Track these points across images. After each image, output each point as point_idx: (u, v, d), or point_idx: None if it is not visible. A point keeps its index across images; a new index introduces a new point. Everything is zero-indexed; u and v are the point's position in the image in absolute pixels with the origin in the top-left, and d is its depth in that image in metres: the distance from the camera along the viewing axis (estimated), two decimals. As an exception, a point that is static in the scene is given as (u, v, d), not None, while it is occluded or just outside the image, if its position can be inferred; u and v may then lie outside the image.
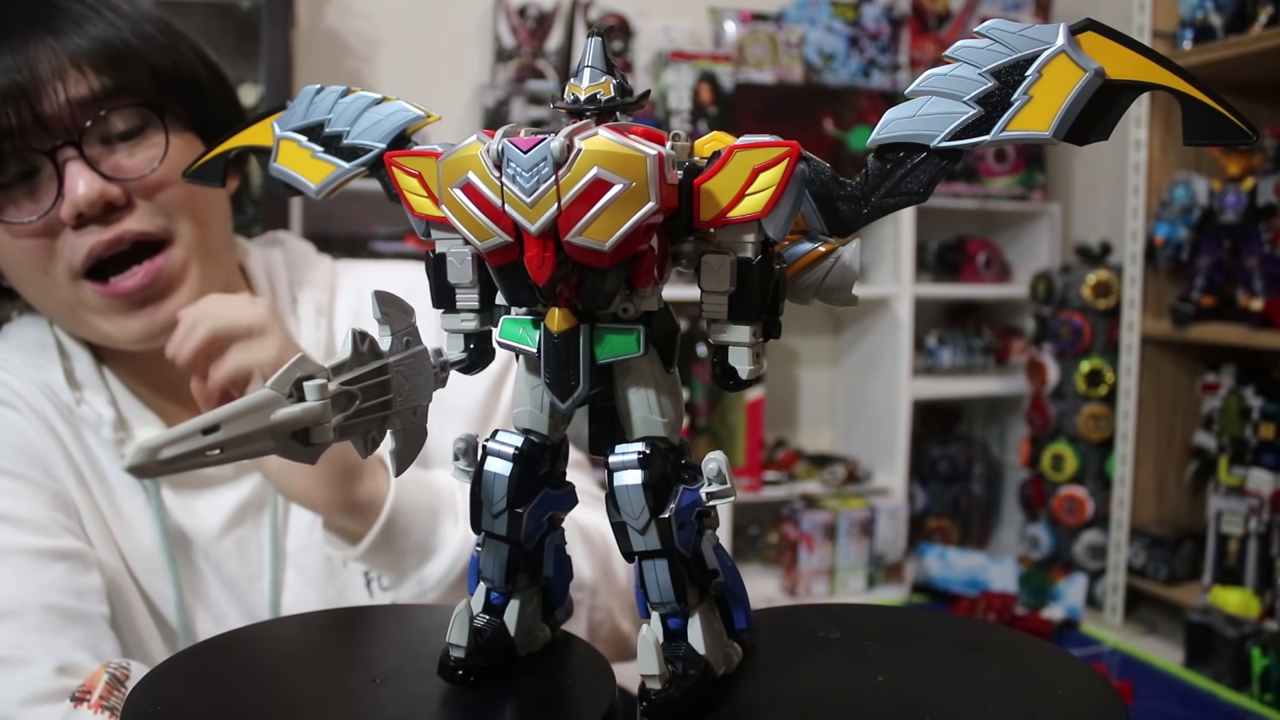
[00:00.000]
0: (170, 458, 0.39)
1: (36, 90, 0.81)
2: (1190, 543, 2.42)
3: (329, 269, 1.07)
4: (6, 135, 0.81)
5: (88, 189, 0.82)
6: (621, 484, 0.48)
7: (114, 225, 0.85)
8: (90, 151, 0.84)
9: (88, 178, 0.83)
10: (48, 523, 0.83)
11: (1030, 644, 0.59)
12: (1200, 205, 2.33)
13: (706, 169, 0.47)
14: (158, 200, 0.87)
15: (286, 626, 0.68)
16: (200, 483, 0.94)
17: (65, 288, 0.86)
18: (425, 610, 0.66)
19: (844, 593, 2.69)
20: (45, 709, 0.72)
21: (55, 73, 0.82)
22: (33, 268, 0.87)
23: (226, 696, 0.54)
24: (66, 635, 0.77)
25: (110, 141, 0.86)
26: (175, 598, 0.92)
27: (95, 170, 0.84)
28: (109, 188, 0.84)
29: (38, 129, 0.82)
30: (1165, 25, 2.34)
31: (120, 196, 0.85)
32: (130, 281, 0.86)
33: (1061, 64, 0.44)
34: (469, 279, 0.52)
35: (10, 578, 0.78)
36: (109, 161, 0.85)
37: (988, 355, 2.99)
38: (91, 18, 0.85)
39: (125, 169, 0.86)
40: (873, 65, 2.79)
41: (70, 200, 0.83)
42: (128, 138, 0.86)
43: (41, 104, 0.82)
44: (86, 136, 0.84)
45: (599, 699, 0.52)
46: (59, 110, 0.82)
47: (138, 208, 0.86)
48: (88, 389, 0.92)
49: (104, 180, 0.84)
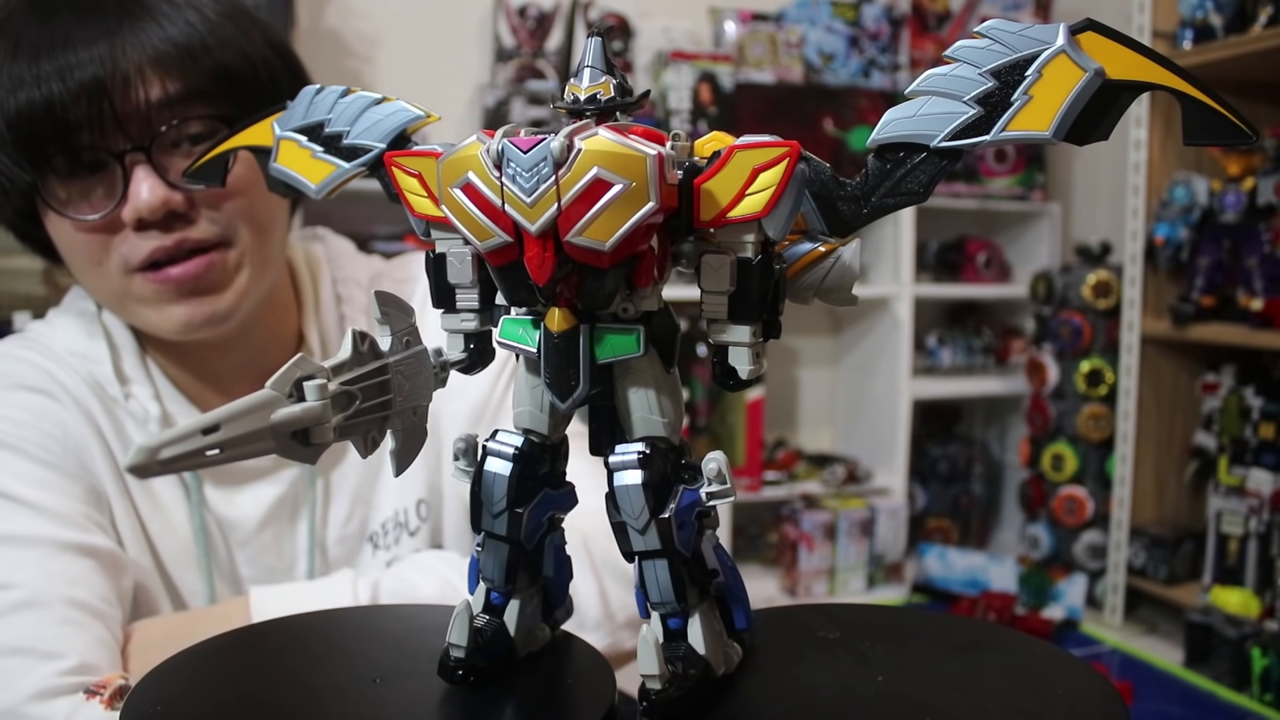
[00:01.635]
0: (170, 457, 0.39)
1: (118, 86, 0.81)
2: (1190, 543, 2.42)
3: (369, 267, 1.08)
4: (84, 129, 0.81)
5: (151, 195, 0.83)
6: (621, 484, 0.48)
7: (175, 232, 0.85)
8: (159, 157, 0.84)
9: (153, 184, 0.83)
10: (78, 517, 0.84)
11: (1030, 644, 0.59)
12: (1200, 205, 2.34)
13: (706, 169, 0.47)
14: (221, 209, 0.87)
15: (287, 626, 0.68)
16: (242, 476, 0.95)
17: (117, 279, 0.87)
18: (425, 610, 0.66)
19: (844, 593, 2.69)
20: (58, 703, 0.72)
21: (136, 70, 0.82)
22: (87, 259, 0.87)
23: (226, 696, 0.54)
24: (88, 633, 0.77)
25: (180, 144, 0.86)
26: (206, 591, 0.93)
27: (162, 177, 0.84)
28: (172, 196, 0.84)
29: (114, 128, 0.82)
30: (1165, 25, 2.34)
31: (183, 204, 0.85)
32: (183, 268, 0.86)
33: (1061, 64, 0.44)
34: (469, 279, 0.52)
35: (36, 567, 0.79)
36: (175, 168, 0.85)
37: (988, 355, 2.99)
38: (174, 15, 0.85)
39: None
40: (873, 65, 2.79)
41: (133, 205, 0.83)
42: (198, 141, 0.86)
43: (121, 101, 0.81)
44: (157, 142, 0.84)
45: (599, 699, 0.52)
46: (135, 110, 0.82)
47: (200, 216, 0.86)
48: (134, 384, 0.92)
49: (168, 188, 0.84)
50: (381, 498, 1.00)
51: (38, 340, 0.94)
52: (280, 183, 0.59)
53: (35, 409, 0.88)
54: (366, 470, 0.99)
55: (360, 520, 1.00)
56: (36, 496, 0.82)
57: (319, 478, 0.97)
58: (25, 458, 0.84)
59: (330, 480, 0.98)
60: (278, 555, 0.97)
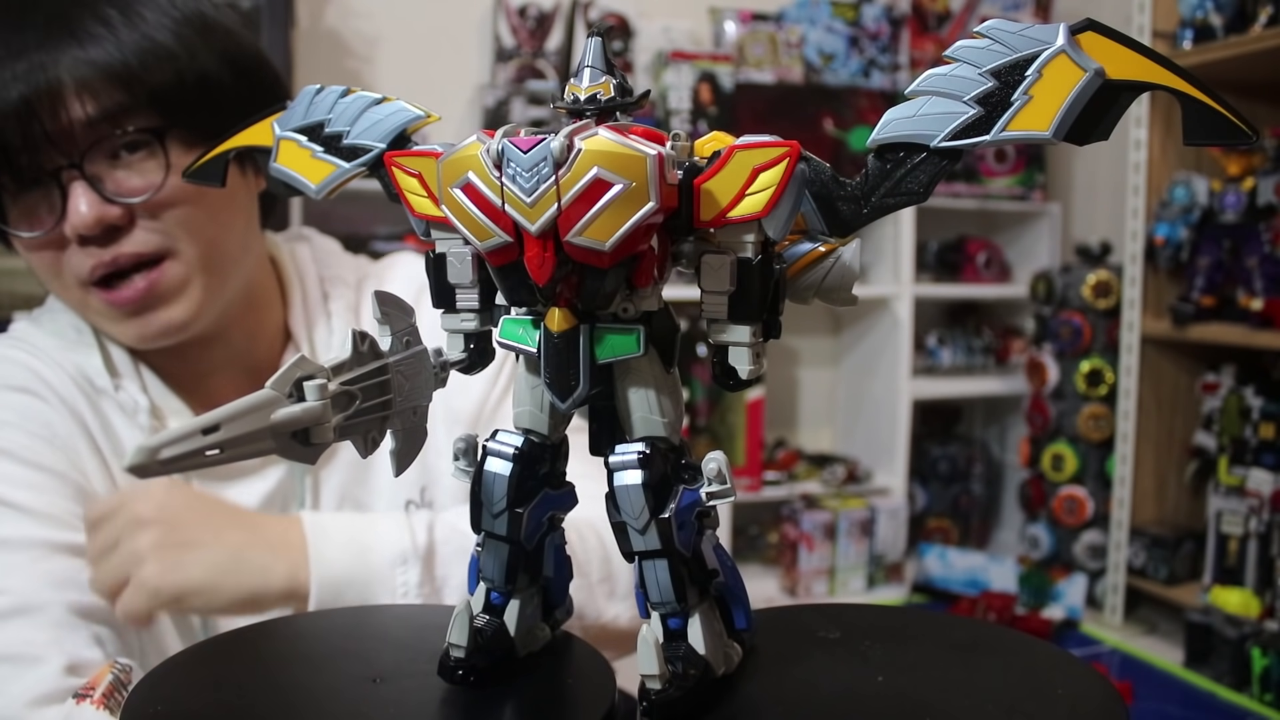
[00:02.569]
0: (170, 458, 0.39)
1: (47, 105, 0.81)
2: (1190, 543, 2.42)
3: (356, 265, 1.08)
4: (20, 151, 0.81)
5: (88, 211, 0.83)
6: (621, 484, 0.48)
7: (113, 246, 0.85)
8: (93, 170, 0.84)
9: (89, 199, 0.83)
10: (67, 516, 0.84)
11: (1030, 644, 0.59)
12: (1200, 205, 2.34)
13: (706, 169, 0.47)
14: (159, 219, 0.87)
15: (287, 626, 0.68)
16: (228, 474, 0.95)
17: (75, 292, 0.88)
18: (425, 610, 0.66)
19: (844, 593, 2.69)
20: (49, 711, 0.72)
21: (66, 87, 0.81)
22: (46, 273, 0.89)
23: (227, 696, 0.54)
24: (80, 632, 0.77)
25: (116, 153, 0.85)
26: None
27: (97, 191, 0.84)
28: (108, 211, 0.84)
29: (47, 145, 0.82)
30: (1165, 25, 2.34)
31: (121, 217, 0.85)
32: (126, 293, 0.86)
33: (1061, 64, 0.44)
34: (469, 279, 0.52)
35: (26, 570, 0.79)
36: (112, 180, 0.85)
37: (988, 355, 2.99)
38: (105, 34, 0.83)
39: (127, 190, 0.85)
40: (873, 65, 2.79)
41: (70, 222, 0.83)
42: (135, 150, 0.86)
43: (51, 120, 0.81)
44: (90, 156, 0.83)
45: (599, 699, 0.52)
46: (66, 127, 0.82)
47: (138, 228, 0.86)
48: (124, 376, 0.93)
49: (104, 203, 0.84)
50: (369, 498, 1.00)
51: (22, 338, 0.94)
52: (280, 183, 0.59)
53: (21, 409, 0.88)
54: (353, 469, 0.99)
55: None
56: (25, 498, 0.82)
57: (306, 476, 0.97)
58: (11, 460, 0.84)
59: (318, 479, 0.98)
60: None
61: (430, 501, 1.02)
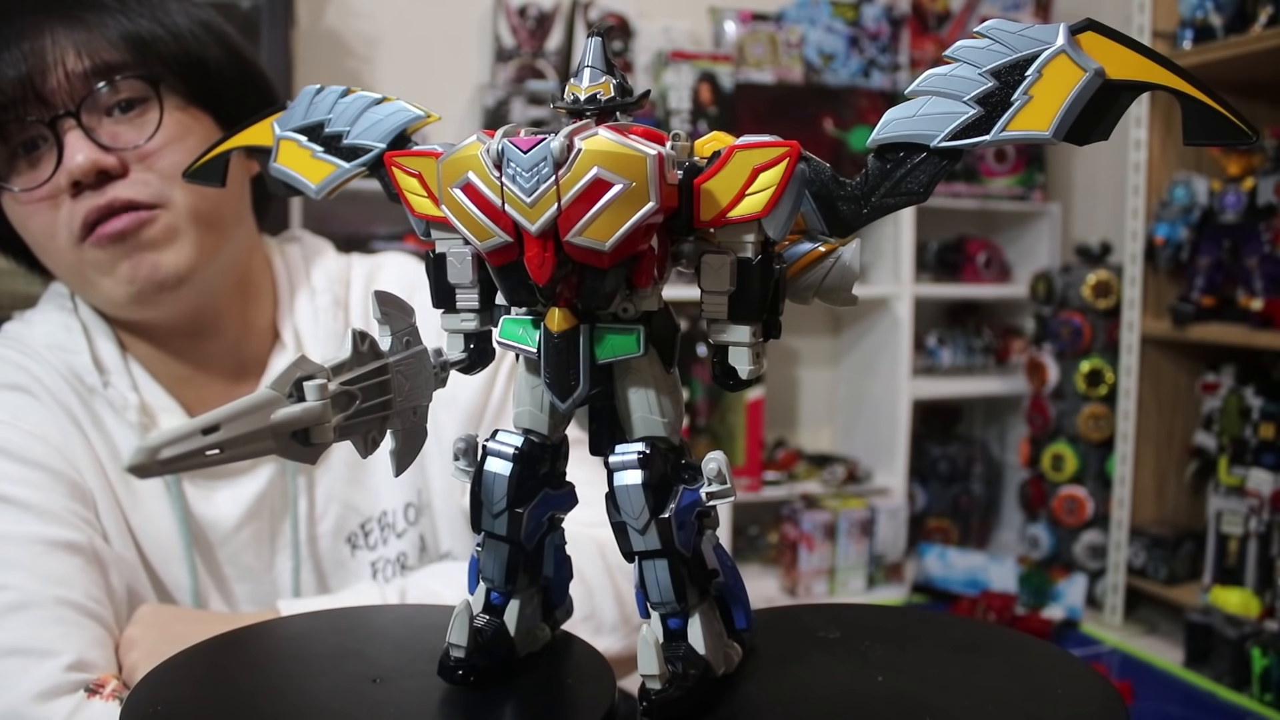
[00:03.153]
0: (170, 457, 0.39)
1: (41, 72, 0.84)
2: (1190, 543, 2.41)
3: (343, 262, 1.09)
4: (8, 108, 0.84)
5: (84, 158, 0.85)
6: (621, 484, 0.49)
7: (107, 190, 0.87)
8: (88, 120, 0.86)
9: (85, 147, 0.85)
10: (65, 514, 0.84)
11: (1030, 644, 0.59)
12: (1200, 205, 2.33)
13: (706, 169, 0.47)
14: (153, 169, 0.88)
15: (287, 626, 0.68)
16: (219, 474, 0.95)
17: (70, 252, 0.89)
18: (425, 610, 0.66)
19: (844, 593, 2.69)
20: (59, 703, 0.72)
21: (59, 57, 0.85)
22: (42, 234, 0.90)
23: (227, 696, 0.54)
24: (84, 631, 0.78)
25: (110, 112, 0.88)
26: (191, 585, 0.93)
27: (92, 139, 0.86)
28: (104, 157, 0.86)
29: (38, 103, 0.84)
30: (1165, 25, 2.34)
31: (116, 165, 0.87)
32: (114, 224, 0.87)
33: (1061, 64, 0.44)
34: (469, 279, 0.52)
35: (27, 567, 0.79)
36: (107, 130, 0.87)
37: (988, 355, 2.99)
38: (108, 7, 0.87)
39: (122, 139, 0.88)
40: (873, 65, 2.79)
41: (66, 168, 0.85)
42: (128, 109, 0.88)
43: (43, 82, 0.84)
44: (85, 106, 0.86)
45: (599, 699, 0.52)
46: (60, 83, 0.85)
47: (132, 176, 0.88)
48: (112, 374, 0.93)
49: (100, 150, 0.86)
50: (362, 499, 1.00)
51: (14, 337, 0.94)
52: (280, 183, 0.59)
53: (16, 407, 0.88)
54: (346, 471, 0.99)
55: (337, 520, 1.00)
56: (22, 494, 0.83)
57: (298, 477, 0.97)
58: (9, 457, 0.85)
59: (310, 480, 0.98)
60: (256, 555, 0.96)
61: (426, 504, 1.02)
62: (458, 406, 1.00)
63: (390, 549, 1.00)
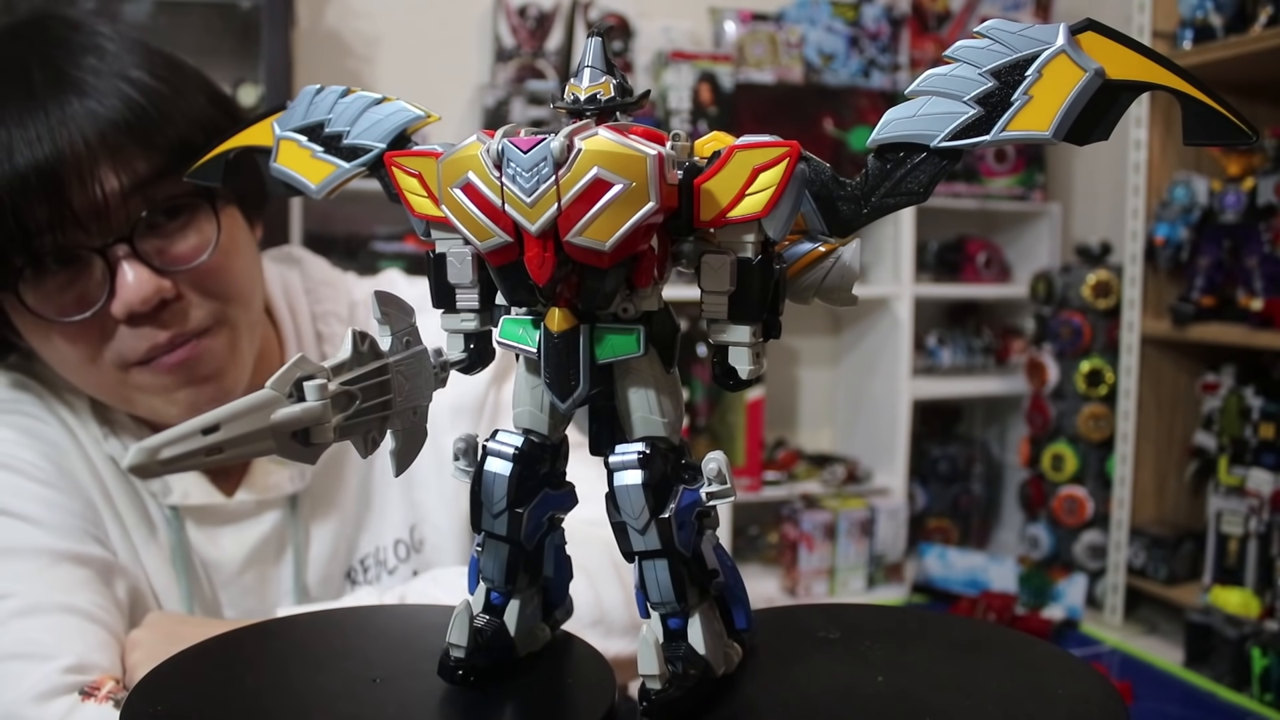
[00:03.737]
0: (170, 457, 0.39)
1: (71, 179, 0.76)
2: (1190, 543, 2.41)
3: (347, 292, 1.05)
4: (44, 232, 0.76)
5: (142, 288, 0.79)
6: (621, 484, 0.48)
7: (170, 323, 0.82)
8: (142, 246, 0.80)
9: (142, 275, 0.79)
10: (73, 530, 0.84)
11: (1030, 644, 0.59)
12: (1200, 205, 2.33)
13: (706, 169, 0.47)
14: (207, 288, 0.84)
15: (287, 626, 0.68)
16: (224, 518, 0.95)
17: (112, 374, 0.84)
18: (425, 610, 0.66)
19: (844, 593, 2.69)
20: (55, 703, 0.72)
21: (86, 157, 0.76)
22: (79, 360, 0.84)
23: (227, 696, 0.54)
24: (86, 635, 0.78)
25: (156, 226, 0.82)
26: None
27: (148, 264, 0.80)
28: (163, 284, 0.80)
29: (72, 223, 0.77)
30: (1165, 25, 2.34)
31: (172, 290, 0.82)
32: (178, 355, 0.83)
33: (1061, 64, 0.44)
34: (469, 279, 0.52)
35: (34, 577, 0.79)
36: (154, 246, 0.81)
37: (988, 355, 2.99)
38: (105, 87, 0.78)
39: (176, 258, 0.82)
40: (873, 65, 2.79)
41: (123, 299, 0.79)
42: (173, 214, 0.82)
43: (78, 196, 0.76)
44: (138, 229, 0.79)
45: (599, 699, 0.52)
46: (99, 201, 0.77)
47: (187, 299, 0.83)
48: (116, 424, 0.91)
49: (158, 276, 0.80)
50: (361, 536, 1.00)
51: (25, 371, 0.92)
52: (280, 183, 0.59)
53: (25, 430, 0.88)
54: (349, 508, 0.99)
55: (343, 558, 0.99)
56: (33, 511, 0.83)
57: (300, 524, 0.96)
58: (19, 475, 0.85)
59: (313, 520, 0.97)
60: (259, 599, 0.96)
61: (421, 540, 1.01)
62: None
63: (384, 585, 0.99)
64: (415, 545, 1.01)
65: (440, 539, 1.01)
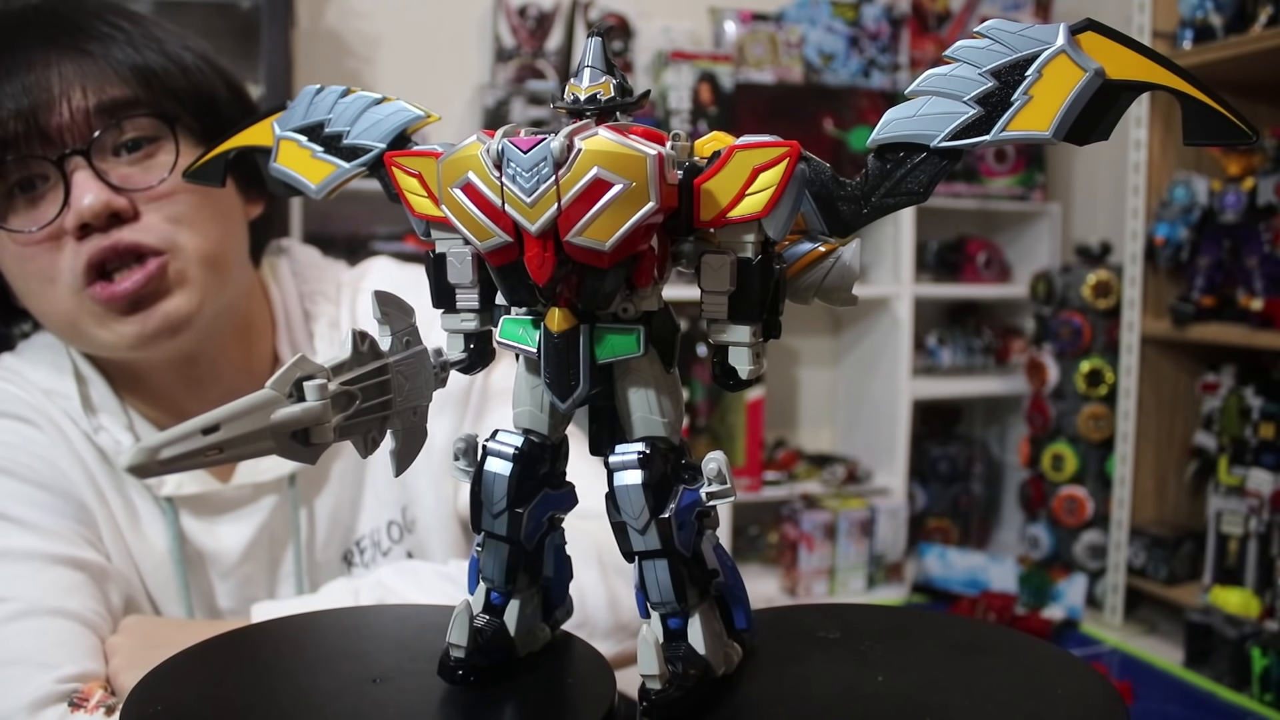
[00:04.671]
0: (170, 457, 0.39)
1: (46, 107, 0.81)
2: (1190, 543, 2.41)
3: (334, 275, 1.06)
4: (10, 144, 0.81)
5: (94, 199, 0.81)
6: (621, 484, 0.48)
7: (113, 232, 0.83)
8: (98, 162, 0.83)
9: (95, 188, 0.82)
10: (68, 533, 0.84)
11: (1030, 644, 0.59)
12: (1200, 205, 2.33)
13: (706, 169, 0.47)
14: (163, 212, 0.85)
15: (286, 626, 0.68)
16: (222, 507, 0.95)
17: (69, 298, 0.85)
18: (425, 610, 0.66)
19: (844, 593, 2.69)
20: (48, 712, 0.72)
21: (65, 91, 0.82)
22: (39, 277, 0.85)
23: (226, 696, 0.54)
24: (80, 642, 0.78)
25: (119, 152, 0.85)
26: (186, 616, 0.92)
27: (103, 180, 0.83)
28: (115, 199, 0.83)
29: (42, 140, 0.81)
30: (1165, 25, 2.34)
31: (127, 208, 0.84)
32: (124, 284, 0.84)
33: (1061, 64, 0.44)
34: (469, 279, 0.52)
35: (29, 580, 0.79)
36: (116, 172, 0.84)
37: (988, 355, 2.99)
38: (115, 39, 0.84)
39: (133, 180, 0.85)
40: (873, 65, 2.79)
41: (76, 210, 0.82)
42: (136, 148, 0.85)
43: (48, 118, 0.81)
44: (95, 145, 0.83)
45: (599, 699, 0.52)
46: (66, 120, 0.81)
47: (142, 219, 0.85)
48: (104, 413, 0.91)
49: (111, 191, 0.83)
50: (357, 518, 1.00)
51: (13, 370, 0.92)
52: (280, 183, 0.59)
53: (19, 433, 0.88)
54: (345, 493, 0.99)
55: (340, 541, 0.99)
56: (27, 514, 0.83)
57: (300, 507, 0.96)
58: (14, 478, 0.85)
59: (311, 508, 0.98)
60: (258, 587, 0.96)
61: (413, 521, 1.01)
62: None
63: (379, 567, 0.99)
64: (408, 525, 1.01)
65: (430, 519, 1.01)
